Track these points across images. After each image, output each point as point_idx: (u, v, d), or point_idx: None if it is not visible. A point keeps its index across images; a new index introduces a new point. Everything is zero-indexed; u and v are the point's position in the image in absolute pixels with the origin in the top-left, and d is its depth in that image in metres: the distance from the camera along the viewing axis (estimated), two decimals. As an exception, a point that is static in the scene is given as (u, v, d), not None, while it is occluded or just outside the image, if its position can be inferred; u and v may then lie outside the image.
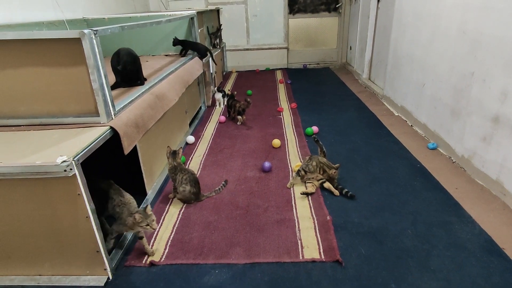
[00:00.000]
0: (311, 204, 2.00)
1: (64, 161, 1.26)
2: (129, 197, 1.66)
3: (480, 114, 2.15)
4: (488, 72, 2.06)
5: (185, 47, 3.38)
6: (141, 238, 1.64)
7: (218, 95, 3.83)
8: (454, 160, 2.44)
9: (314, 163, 2.16)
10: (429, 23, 2.76)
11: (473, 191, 2.07)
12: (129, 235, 1.75)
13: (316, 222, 1.84)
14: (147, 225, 1.50)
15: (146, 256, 1.63)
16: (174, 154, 2.05)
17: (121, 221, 1.57)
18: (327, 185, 2.12)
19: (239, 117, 3.32)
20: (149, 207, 1.52)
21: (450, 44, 2.46)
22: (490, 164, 2.06)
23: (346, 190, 2.06)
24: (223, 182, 2.18)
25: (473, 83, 2.21)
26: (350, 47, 5.51)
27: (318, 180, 2.15)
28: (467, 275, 1.46)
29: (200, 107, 3.79)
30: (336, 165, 2.16)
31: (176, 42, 3.28)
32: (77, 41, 1.45)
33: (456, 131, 2.42)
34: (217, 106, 3.87)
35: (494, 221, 1.79)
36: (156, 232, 1.80)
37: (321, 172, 2.16)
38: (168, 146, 2.07)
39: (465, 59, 2.29)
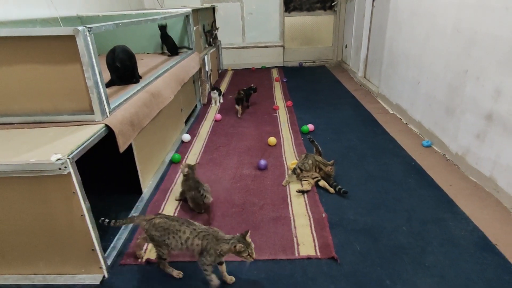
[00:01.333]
0: (307, 202, 2.01)
1: (59, 159, 1.26)
2: (198, 224, 1.46)
3: (474, 112, 2.17)
4: (482, 70, 2.08)
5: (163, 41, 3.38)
6: (222, 263, 1.46)
7: (214, 94, 3.82)
8: (448, 158, 2.46)
9: (310, 162, 2.17)
10: (424, 21, 2.78)
11: (467, 188, 2.09)
12: (125, 233, 1.75)
13: (311, 219, 1.85)
14: (248, 254, 1.32)
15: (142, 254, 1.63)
16: (191, 167, 2.01)
17: (210, 251, 1.36)
18: (322, 183, 2.13)
19: (237, 106, 3.50)
20: (248, 234, 1.34)
21: (445, 42, 2.48)
22: (484, 161, 2.08)
23: (340, 187, 2.07)
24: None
25: (467, 81, 2.23)
26: (346, 45, 5.53)
27: (313, 178, 2.16)
28: (461, 271, 1.48)
29: (196, 105, 3.78)
30: (330, 162, 2.17)
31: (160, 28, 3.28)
32: (71, 38, 1.43)
33: (450, 128, 2.44)
34: (213, 104, 3.87)
35: (487, 218, 1.81)
36: (152, 230, 1.80)
37: (317, 170, 2.17)
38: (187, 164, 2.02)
39: (459, 57, 2.31)
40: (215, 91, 3.81)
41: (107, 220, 1.49)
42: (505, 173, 1.91)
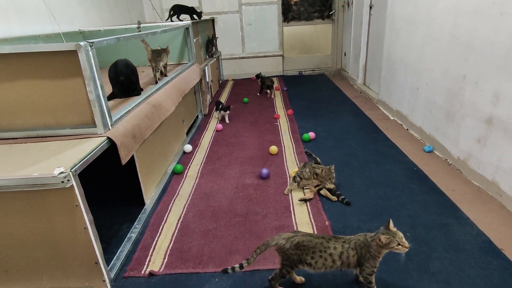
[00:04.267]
0: (310, 210, 2.00)
1: (62, 173, 1.27)
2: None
3: (474, 116, 2.17)
4: (480, 75, 2.09)
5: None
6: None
7: (224, 113, 3.62)
8: (450, 162, 2.46)
9: (307, 169, 2.19)
10: (421, 28, 2.81)
11: (470, 193, 2.08)
12: (128, 245, 1.74)
13: (315, 227, 1.84)
14: (398, 244, 1.24)
15: (145, 266, 1.63)
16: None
17: (366, 255, 1.30)
18: (324, 192, 2.13)
19: (268, 91, 4.51)
20: (391, 222, 1.27)
21: (443, 48, 2.50)
22: (486, 165, 2.08)
23: (343, 196, 2.07)
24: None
25: (466, 86, 2.24)
26: (345, 53, 5.57)
27: (315, 187, 2.16)
28: (466, 276, 1.47)
29: (197, 116, 3.81)
30: (328, 167, 2.16)
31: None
32: (73, 53, 1.46)
33: (451, 133, 2.44)
34: (227, 121, 3.66)
35: (491, 222, 1.80)
36: (154, 242, 1.80)
37: (315, 176, 2.17)
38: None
39: (457, 62, 2.32)
40: (225, 111, 3.61)
41: (237, 266, 1.43)
42: (507, 176, 1.91)
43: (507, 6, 1.84)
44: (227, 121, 3.67)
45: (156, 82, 2.62)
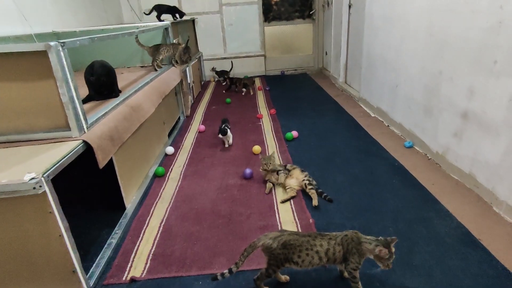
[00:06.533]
0: (294, 208, 2.00)
1: (33, 178, 1.21)
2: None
3: (450, 111, 2.22)
4: (455, 70, 2.14)
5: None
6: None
7: (228, 134, 2.91)
8: (429, 157, 2.51)
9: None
10: (398, 26, 2.86)
11: (448, 186, 2.13)
12: (108, 252, 1.69)
13: (299, 225, 1.84)
14: (387, 264, 1.27)
15: (126, 273, 1.58)
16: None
17: (352, 250, 1.31)
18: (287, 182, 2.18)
19: (244, 89, 4.59)
20: (394, 243, 1.28)
21: (419, 45, 2.55)
22: (463, 159, 2.13)
23: (325, 194, 2.08)
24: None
25: (442, 82, 2.29)
26: (326, 52, 5.63)
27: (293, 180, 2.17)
28: (447, 268, 1.49)
29: (179, 118, 3.75)
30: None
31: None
32: (44, 54, 1.40)
33: (429, 128, 2.49)
34: (226, 145, 2.98)
35: (469, 214, 1.84)
36: (136, 247, 1.75)
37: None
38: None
39: (433, 59, 2.37)
40: (228, 132, 2.90)
41: (226, 272, 1.36)
42: (483, 169, 1.96)
43: (477, 4, 1.89)
44: (226, 145, 2.95)
45: (155, 70, 3.15)
